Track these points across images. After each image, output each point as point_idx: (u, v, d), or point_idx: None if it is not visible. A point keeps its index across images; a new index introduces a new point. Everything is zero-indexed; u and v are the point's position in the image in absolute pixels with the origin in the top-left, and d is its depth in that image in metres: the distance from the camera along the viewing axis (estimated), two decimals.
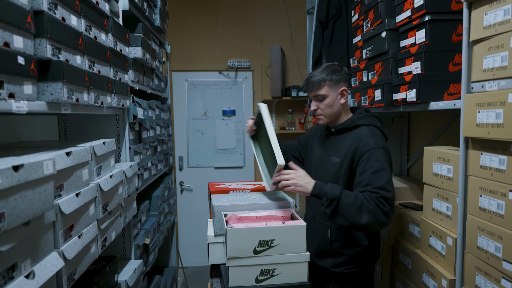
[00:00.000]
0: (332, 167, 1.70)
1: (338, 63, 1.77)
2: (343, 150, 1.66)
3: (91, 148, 1.34)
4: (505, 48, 1.16)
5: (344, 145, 1.67)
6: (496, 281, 1.24)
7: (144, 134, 2.23)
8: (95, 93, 1.40)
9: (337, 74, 1.69)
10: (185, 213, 4.20)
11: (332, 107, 1.70)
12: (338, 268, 1.70)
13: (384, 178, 1.50)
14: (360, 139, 1.61)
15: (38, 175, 0.91)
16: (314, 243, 1.76)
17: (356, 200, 1.46)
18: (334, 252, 1.70)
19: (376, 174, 1.51)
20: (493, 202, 1.25)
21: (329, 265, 1.71)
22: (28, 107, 1.00)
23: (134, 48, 2.01)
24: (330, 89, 1.69)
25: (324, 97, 1.69)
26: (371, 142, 1.58)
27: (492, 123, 1.20)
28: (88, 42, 1.34)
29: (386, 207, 1.45)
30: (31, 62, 1.01)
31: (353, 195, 1.48)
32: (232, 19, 4.11)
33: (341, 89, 1.70)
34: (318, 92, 1.69)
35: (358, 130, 1.67)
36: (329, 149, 1.76)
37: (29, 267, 0.92)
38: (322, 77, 1.68)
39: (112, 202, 1.49)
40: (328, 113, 1.71)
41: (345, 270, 1.68)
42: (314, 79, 1.69)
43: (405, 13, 1.72)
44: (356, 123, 1.69)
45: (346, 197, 1.47)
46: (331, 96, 1.69)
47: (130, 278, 1.73)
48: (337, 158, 1.68)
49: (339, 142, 1.71)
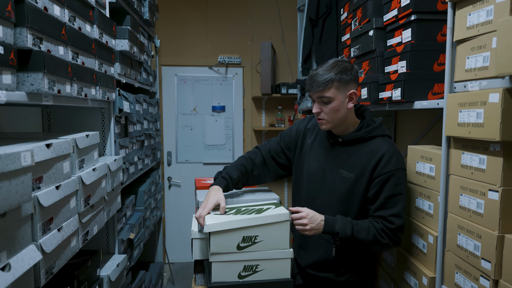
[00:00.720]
0: (342, 182, 1.53)
1: (348, 60, 1.57)
2: (358, 165, 1.50)
3: (73, 140, 1.32)
4: (487, 49, 1.17)
5: (358, 159, 1.51)
6: (474, 279, 1.26)
7: (130, 128, 2.21)
8: (78, 85, 1.38)
9: (348, 74, 1.46)
10: (172, 208, 4.18)
11: (338, 111, 1.48)
12: (343, 277, 1.62)
13: (400, 203, 1.46)
14: (380, 156, 1.47)
15: (15, 166, 0.90)
16: (313, 256, 1.65)
17: (368, 234, 1.43)
18: (337, 265, 1.61)
19: (393, 198, 1.45)
20: (473, 201, 1.26)
21: (332, 276, 1.62)
22: (7, 97, 0.99)
23: (121, 40, 1.98)
24: (338, 91, 1.46)
25: (330, 100, 1.46)
26: (393, 161, 1.46)
27: (473, 123, 1.21)
28: (71, 33, 1.32)
29: (398, 238, 1.46)
30: (11, 52, 0.99)
31: (365, 229, 1.43)
32: (223, 14, 4.09)
33: (350, 91, 1.47)
34: (324, 94, 1.46)
35: (374, 143, 1.51)
36: (334, 160, 1.56)
37: (5, 260, 0.90)
38: (330, 77, 1.44)
39: (94, 196, 1.48)
40: (332, 118, 1.49)
41: (350, 278, 1.62)
42: (321, 78, 1.45)
43: (392, 12, 1.73)
44: (371, 134, 1.53)
45: (358, 232, 1.43)
46: (338, 99, 1.46)
47: (112, 272, 1.72)
48: (350, 173, 1.51)
49: (349, 154, 1.53)
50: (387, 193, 1.46)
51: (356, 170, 1.50)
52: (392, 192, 1.46)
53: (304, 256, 1.69)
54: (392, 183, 1.46)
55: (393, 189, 1.46)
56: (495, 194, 1.17)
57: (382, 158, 1.47)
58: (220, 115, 4.18)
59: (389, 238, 1.45)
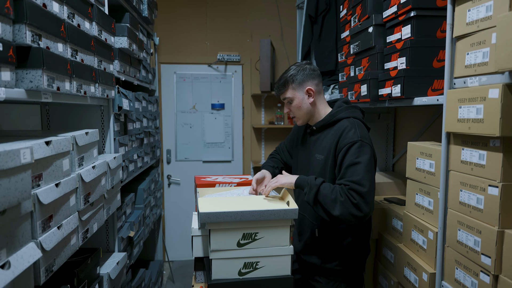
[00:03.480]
0: (317, 165, 1.69)
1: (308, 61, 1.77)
2: (326, 146, 1.65)
3: (73, 138, 1.32)
4: (487, 44, 1.17)
5: (326, 141, 1.66)
6: (474, 274, 1.26)
7: (130, 125, 2.21)
8: (77, 82, 1.37)
9: (301, 74, 1.67)
10: (172, 206, 4.18)
11: (301, 108, 1.69)
12: (329, 264, 1.70)
13: (358, 171, 1.49)
14: (341, 133, 1.60)
15: (14, 164, 0.89)
16: (302, 240, 1.77)
17: (332, 192, 1.49)
18: (322, 249, 1.71)
19: (351, 168, 1.51)
20: (472, 197, 1.26)
21: (319, 262, 1.72)
22: (6, 94, 0.98)
23: (120, 38, 1.98)
24: (295, 91, 1.68)
25: (291, 100, 1.70)
26: (349, 135, 1.57)
27: (473, 119, 1.21)
28: (70, 29, 1.31)
29: (355, 200, 1.45)
30: (10, 48, 0.98)
31: (330, 187, 1.51)
32: (223, 12, 4.08)
33: (306, 88, 1.68)
34: (284, 95, 1.71)
35: (339, 124, 1.65)
36: (312, 147, 1.75)
37: (5, 257, 0.90)
38: (284, 80, 1.69)
39: (94, 194, 1.47)
40: (299, 115, 1.72)
41: (336, 267, 1.69)
42: (279, 82, 1.71)
43: (391, 9, 1.72)
44: (336, 117, 1.67)
45: (324, 188, 1.50)
46: (297, 97, 1.68)
47: (112, 270, 1.72)
48: (321, 155, 1.67)
49: (322, 139, 1.70)
50: (346, 163, 1.54)
51: (325, 151, 1.66)
52: (349, 161, 1.52)
53: (295, 241, 1.83)
54: (350, 154, 1.53)
55: (350, 159, 1.52)
56: (495, 189, 1.17)
57: (342, 134, 1.59)
58: (220, 113, 4.17)
59: (347, 197, 1.46)
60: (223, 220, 1.34)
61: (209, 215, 1.33)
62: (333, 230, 1.68)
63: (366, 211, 1.46)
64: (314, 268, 1.76)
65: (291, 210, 1.39)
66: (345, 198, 1.46)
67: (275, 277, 1.41)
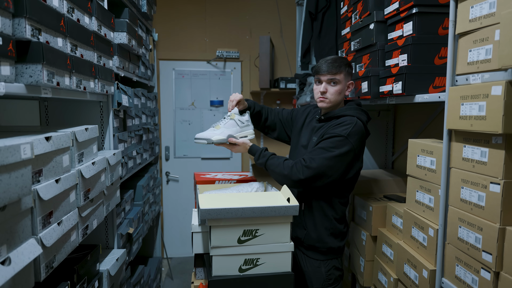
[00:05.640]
0: (310, 146, 1.79)
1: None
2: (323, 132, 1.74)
3: (72, 133, 1.31)
4: (490, 41, 1.17)
5: (326, 130, 1.74)
6: (475, 271, 1.26)
7: (129, 122, 2.19)
8: (77, 78, 1.36)
9: (351, 68, 1.79)
10: (171, 203, 4.17)
11: (340, 94, 1.75)
12: (309, 241, 1.79)
13: (319, 155, 1.61)
14: (336, 124, 1.69)
15: (15, 159, 0.88)
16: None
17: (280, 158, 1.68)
18: (305, 224, 1.79)
19: (316, 150, 1.63)
20: (474, 194, 1.26)
21: (302, 236, 1.80)
22: (6, 89, 0.97)
23: (120, 33, 1.96)
24: (345, 77, 1.75)
25: (337, 83, 1.73)
26: (340, 128, 1.65)
27: (475, 116, 1.21)
28: (70, 24, 1.30)
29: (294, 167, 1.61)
30: (9, 42, 0.97)
31: (280, 157, 1.69)
32: (222, 8, 4.06)
33: (350, 82, 1.78)
34: (335, 76, 1.72)
35: (342, 119, 1.72)
36: (315, 133, 1.82)
37: (5, 253, 0.89)
38: (343, 63, 1.73)
39: (94, 190, 1.47)
40: (333, 99, 1.75)
41: (317, 244, 1.77)
42: (337, 62, 1.73)
43: (393, 5, 1.72)
44: (343, 113, 1.74)
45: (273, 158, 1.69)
46: (343, 84, 1.74)
47: (112, 267, 1.71)
48: (316, 138, 1.77)
49: (324, 128, 1.77)
50: (317, 144, 1.67)
51: (318, 135, 1.76)
52: (320, 146, 1.65)
53: None
54: (327, 141, 1.64)
55: (323, 144, 1.64)
56: (496, 186, 1.17)
57: (336, 125, 1.69)
58: (219, 109, 4.16)
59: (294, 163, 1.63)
60: (224, 217, 1.33)
61: (210, 212, 1.32)
62: (318, 207, 1.78)
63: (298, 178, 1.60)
64: (298, 242, 1.82)
65: (291, 206, 1.38)
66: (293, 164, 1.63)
67: (276, 274, 1.41)
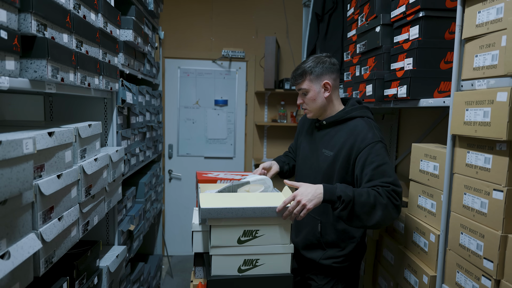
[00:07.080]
0: (323, 161, 1.65)
1: (329, 54, 1.71)
2: (337, 144, 1.61)
3: (75, 129, 1.31)
4: (496, 47, 1.16)
5: (337, 138, 1.62)
6: (476, 279, 1.25)
7: (133, 119, 2.20)
8: (82, 74, 1.37)
9: (320, 67, 1.63)
10: (172, 201, 4.18)
11: (315, 101, 1.65)
12: (327, 261, 1.67)
13: (388, 173, 1.47)
14: (358, 133, 1.56)
15: (17, 153, 0.89)
16: (302, 235, 1.74)
17: (369, 196, 1.40)
18: (324, 244, 1.68)
19: (379, 169, 1.47)
20: (476, 201, 1.25)
21: (318, 258, 1.68)
22: (10, 84, 0.98)
23: (126, 31, 1.97)
24: (312, 83, 1.64)
25: (306, 91, 1.66)
26: (369, 136, 1.53)
27: (480, 122, 1.20)
28: (76, 20, 1.30)
29: (397, 201, 1.44)
30: (15, 37, 0.98)
31: (365, 192, 1.42)
32: (228, 8, 4.06)
33: (324, 82, 1.63)
34: (300, 86, 1.66)
35: (353, 123, 1.62)
36: (319, 141, 1.71)
37: (5, 247, 0.90)
38: (302, 70, 1.64)
39: (95, 186, 1.47)
40: (312, 107, 1.67)
41: (334, 263, 1.66)
42: (297, 72, 1.67)
43: (400, 9, 1.71)
44: (350, 115, 1.64)
45: (359, 195, 1.40)
46: (313, 90, 1.64)
47: (112, 263, 1.71)
48: (330, 151, 1.63)
49: (331, 135, 1.66)
50: (372, 165, 1.49)
51: (335, 148, 1.61)
52: (376, 164, 1.49)
53: (293, 236, 1.79)
54: (374, 154, 1.50)
55: (376, 160, 1.49)
56: (499, 193, 1.16)
57: (359, 134, 1.55)
58: (223, 109, 4.16)
59: (388, 199, 1.43)
60: (224, 216, 1.33)
61: (210, 211, 1.32)
62: (335, 226, 1.66)
63: (400, 211, 1.48)
64: (312, 265, 1.72)
65: None
66: (387, 200, 1.42)
67: (275, 275, 1.40)
